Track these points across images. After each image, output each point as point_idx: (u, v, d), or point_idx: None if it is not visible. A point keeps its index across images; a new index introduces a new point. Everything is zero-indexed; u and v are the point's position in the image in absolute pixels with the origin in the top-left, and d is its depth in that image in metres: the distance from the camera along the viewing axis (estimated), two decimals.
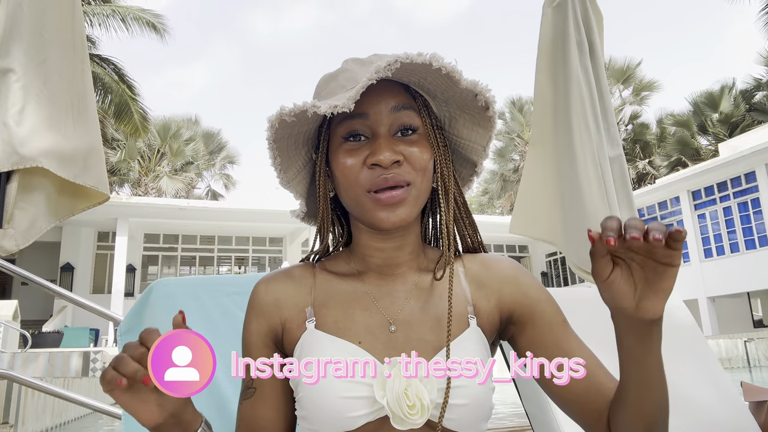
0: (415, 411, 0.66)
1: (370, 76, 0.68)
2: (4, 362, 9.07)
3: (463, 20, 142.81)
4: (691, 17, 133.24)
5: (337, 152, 0.76)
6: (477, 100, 0.77)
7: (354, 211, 0.77)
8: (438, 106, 0.81)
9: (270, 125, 0.73)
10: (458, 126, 0.82)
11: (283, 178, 0.80)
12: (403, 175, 0.73)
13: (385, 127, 0.74)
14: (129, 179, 26.09)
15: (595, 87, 2.10)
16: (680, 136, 25.68)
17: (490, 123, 0.80)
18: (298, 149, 0.80)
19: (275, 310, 0.78)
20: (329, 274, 0.81)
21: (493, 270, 0.81)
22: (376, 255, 0.79)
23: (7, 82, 1.42)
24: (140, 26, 16.01)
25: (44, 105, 1.47)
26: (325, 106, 0.68)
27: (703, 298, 17.55)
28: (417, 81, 0.76)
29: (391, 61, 0.68)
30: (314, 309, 0.77)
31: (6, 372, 1.61)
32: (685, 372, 1.46)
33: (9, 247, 1.41)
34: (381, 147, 0.72)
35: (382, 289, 0.78)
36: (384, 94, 0.74)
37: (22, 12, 1.46)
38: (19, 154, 1.39)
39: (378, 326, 0.75)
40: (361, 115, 0.74)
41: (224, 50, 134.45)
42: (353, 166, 0.73)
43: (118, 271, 15.51)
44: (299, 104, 0.70)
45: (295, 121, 0.73)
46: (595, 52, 2.15)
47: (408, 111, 0.75)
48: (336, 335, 0.73)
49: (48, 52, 1.51)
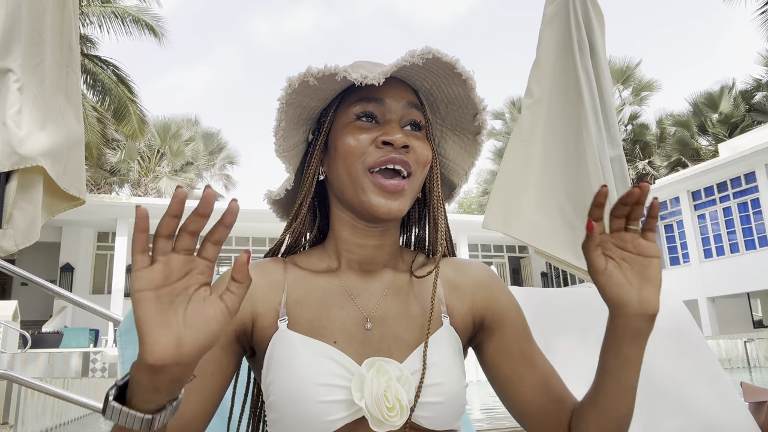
0: (395, 413, 0.66)
1: (405, 57, 0.70)
2: (4, 363, 9.07)
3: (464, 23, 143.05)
4: (691, 17, 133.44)
5: (346, 128, 0.75)
6: (474, 121, 0.80)
7: (348, 192, 0.74)
8: (434, 122, 0.84)
9: (289, 84, 0.72)
10: (446, 147, 0.86)
11: (281, 145, 0.78)
12: (410, 162, 0.73)
13: (397, 115, 0.75)
14: (129, 179, 26.09)
15: (595, 87, 2.10)
16: (680, 136, 25.69)
17: (476, 149, 0.83)
18: (300, 124, 0.79)
19: (247, 303, 0.73)
20: (302, 271, 0.78)
21: (468, 274, 0.82)
22: (357, 251, 0.78)
23: (7, 82, 1.42)
24: (139, 29, 16.01)
25: (40, 106, 1.48)
26: (356, 74, 0.69)
27: (703, 299, 17.55)
28: (429, 88, 0.79)
29: (424, 51, 0.70)
30: (287, 307, 0.74)
31: (6, 372, 1.60)
32: (685, 372, 1.46)
33: (8, 248, 1.41)
34: (395, 128, 0.73)
35: (359, 286, 0.77)
36: (401, 90, 0.77)
37: (21, 12, 1.46)
38: (18, 154, 1.39)
39: (354, 323, 0.73)
40: (378, 100, 0.75)
41: (226, 53, 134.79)
42: (362, 142, 0.73)
43: (118, 272, 15.51)
44: (330, 66, 0.71)
45: (316, 85, 0.72)
46: (596, 52, 2.15)
47: (418, 111, 0.77)
48: (310, 335, 0.71)
49: (46, 53, 1.51)
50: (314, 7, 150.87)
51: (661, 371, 1.40)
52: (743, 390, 1.65)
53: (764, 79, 24.77)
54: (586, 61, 2.10)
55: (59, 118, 1.54)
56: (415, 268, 0.81)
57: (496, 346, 0.78)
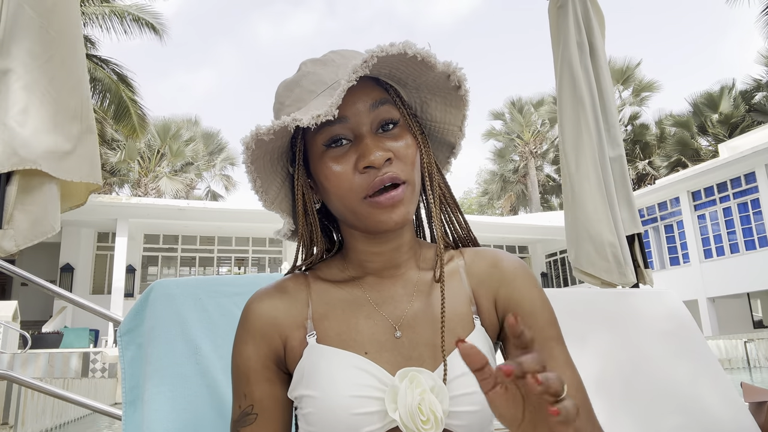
0: (429, 425, 0.64)
1: (348, 77, 0.64)
2: (4, 363, 9.07)
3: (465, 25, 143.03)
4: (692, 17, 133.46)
5: (321, 161, 0.71)
6: (450, 81, 0.74)
7: (349, 219, 0.73)
8: (408, 93, 0.78)
9: (246, 147, 0.68)
10: (430, 110, 0.80)
11: (265, 200, 0.75)
12: (397, 173, 0.69)
13: (366, 126, 0.70)
14: (129, 180, 26.10)
15: (595, 87, 2.11)
16: (680, 136, 25.70)
17: (462, 102, 0.77)
18: (274, 165, 0.76)
19: (274, 329, 0.73)
20: (324, 283, 0.77)
21: (496, 267, 0.77)
22: (374, 259, 0.76)
23: (7, 82, 1.42)
24: (139, 27, 16.02)
25: (49, 104, 1.47)
26: (307, 118, 0.64)
27: (703, 299, 17.55)
28: (388, 72, 0.72)
29: (367, 58, 0.64)
30: (314, 322, 0.73)
31: (6, 373, 1.60)
32: (685, 372, 1.46)
33: (9, 248, 1.41)
34: (370, 147, 0.68)
35: (383, 294, 0.75)
36: (358, 93, 0.70)
37: (25, 10, 1.46)
38: (19, 155, 1.39)
39: (383, 333, 0.71)
40: (341, 119, 0.69)
41: (229, 55, 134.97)
42: (344, 173, 0.69)
43: (118, 272, 15.51)
44: (278, 121, 0.66)
45: (273, 138, 0.69)
46: (596, 53, 2.15)
47: (386, 106, 0.72)
48: (340, 347, 0.70)
49: (54, 50, 1.51)
50: (316, 11, 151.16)
51: (661, 371, 1.40)
52: (743, 390, 1.65)
53: (764, 80, 24.77)
54: (586, 61, 2.11)
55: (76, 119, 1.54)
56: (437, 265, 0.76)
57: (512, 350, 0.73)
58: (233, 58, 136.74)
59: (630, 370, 1.39)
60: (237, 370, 0.74)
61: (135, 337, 1.24)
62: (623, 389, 1.34)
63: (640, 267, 2.06)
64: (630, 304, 1.58)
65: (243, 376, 0.73)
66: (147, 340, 1.22)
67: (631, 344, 1.47)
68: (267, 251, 20.27)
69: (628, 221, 2.05)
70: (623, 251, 1.94)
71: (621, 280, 1.90)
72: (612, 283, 1.91)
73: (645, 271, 2.06)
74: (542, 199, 30.12)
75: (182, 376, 1.17)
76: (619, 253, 1.92)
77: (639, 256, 2.07)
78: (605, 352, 1.41)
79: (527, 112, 30.31)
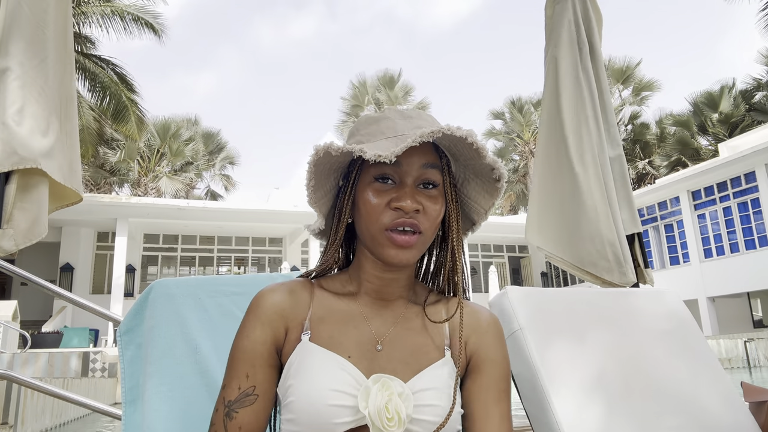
0: (393, 423, 0.75)
1: (415, 139, 0.77)
2: (4, 362, 9.07)
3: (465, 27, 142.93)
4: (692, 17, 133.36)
5: (366, 189, 0.84)
6: (492, 173, 0.87)
7: (368, 243, 0.85)
8: (457, 166, 0.91)
9: (315, 152, 0.82)
10: (469, 188, 0.93)
11: (311, 197, 0.88)
12: (419, 223, 0.82)
13: (412, 178, 0.83)
14: (128, 179, 26.09)
15: (595, 87, 2.11)
16: (680, 136, 25.69)
17: (497, 192, 0.90)
18: (328, 175, 0.88)
19: (281, 320, 0.84)
20: (326, 293, 0.89)
21: (471, 318, 0.90)
22: (375, 282, 0.88)
23: (6, 80, 1.42)
24: (139, 27, 16.01)
25: (44, 104, 1.47)
26: (370, 154, 0.78)
27: (703, 298, 17.55)
28: (447, 146, 0.86)
29: (435, 131, 0.77)
30: (311, 323, 0.84)
31: (5, 372, 1.60)
32: (685, 372, 1.46)
33: (8, 248, 1.41)
34: (406, 194, 0.81)
35: (374, 312, 0.87)
36: (418, 150, 0.83)
37: (22, 10, 1.46)
38: (18, 154, 1.39)
39: (367, 344, 0.83)
40: (396, 163, 0.82)
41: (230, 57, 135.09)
42: (378, 205, 0.82)
43: (118, 272, 15.51)
44: (348, 146, 0.81)
45: (338, 155, 0.83)
46: (596, 52, 2.15)
47: (434, 170, 0.85)
48: (328, 348, 0.81)
49: (49, 50, 1.51)
50: (316, 14, 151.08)
51: (661, 371, 1.40)
52: (743, 390, 1.65)
53: (764, 79, 24.77)
54: (586, 61, 2.11)
55: (63, 115, 1.54)
56: (427, 305, 0.90)
57: (468, 388, 0.87)
58: (234, 60, 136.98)
59: (630, 369, 1.39)
60: (242, 351, 0.83)
61: (135, 336, 1.24)
62: (623, 388, 1.34)
63: (641, 266, 2.06)
64: (630, 304, 1.58)
65: (248, 357, 0.82)
66: (147, 339, 1.21)
67: (631, 343, 1.46)
68: (267, 251, 20.27)
69: (628, 221, 2.04)
70: (623, 251, 1.94)
71: (621, 279, 1.89)
72: (612, 282, 1.91)
73: (645, 270, 2.06)
74: None
75: (182, 375, 1.17)
76: (620, 252, 1.91)
77: (639, 255, 2.07)
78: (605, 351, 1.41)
79: (527, 111, 30.29)
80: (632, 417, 1.31)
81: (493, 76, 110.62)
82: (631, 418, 1.30)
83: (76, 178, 1.59)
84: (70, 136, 1.58)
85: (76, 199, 1.64)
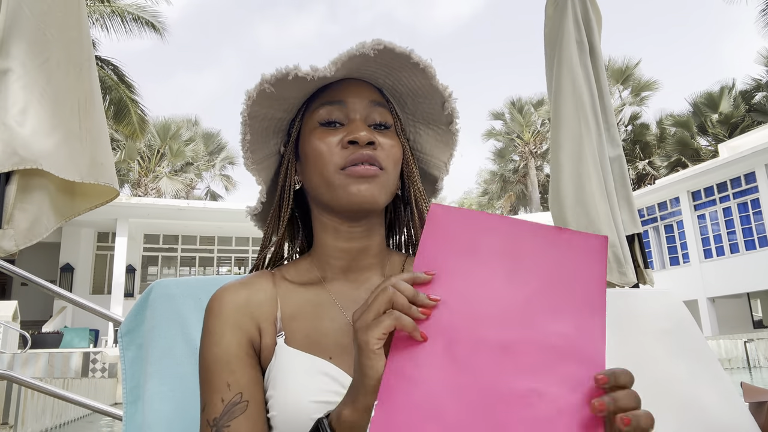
0: None
1: (354, 48, 0.69)
2: (4, 363, 9.07)
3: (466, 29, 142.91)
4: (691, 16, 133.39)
5: (311, 135, 0.75)
6: (444, 109, 0.78)
7: (323, 192, 0.74)
8: (405, 120, 0.82)
9: (248, 97, 0.72)
10: (421, 141, 0.84)
11: (250, 158, 0.78)
12: (378, 157, 0.72)
13: (361, 114, 0.75)
14: (129, 180, 26.10)
15: (595, 87, 2.11)
16: (680, 136, 25.69)
17: (453, 139, 0.81)
18: (268, 137, 0.79)
19: (249, 318, 0.73)
20: (290, 284, 0.77)
21: None
22: (341, 257, 0.78)
23: (7, 81, 1.42)
24: (139, 27, 16.02)
25: (48, 104, 1.47)
26: (305, 69, 0.70)
27: (703, 299, 17.56)
28: (392, 84, 0.78)
29: (375, 42, 0.70)
30: (283, 322, 0.74)
31: (6, 372, 1.60)
32: (685, 372, 1.46)
33: (8, 248, 1.41)
34: (358, 127, 0.73)
35: (347, 297, 0.76)
36: (361, 88, 0.76)
37: (23, 11, 1.46)
38: (19, 155, 1.39)
39: (346, 336, 0.73)
40: (339, 102, 0.75)
41: (231, 58, 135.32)
42: (328, 145, 0.73)
43: (118, 272, 15.51)
44: (281, 68, 0.71)
45: (274, 93, 0.73)
46: (595, 52, 2.15)
47: (382, 108, 0.77)
48: (307, 350, 0.71)
49: (51, 51, 1.51)
50: (317, 15, 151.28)
51: (660, 371, 1.40)
52: (743, 390, 1.65)
53: (764, 80, 24.77)
54: (586, 61, 2.11)
55: (75, 117, 1.54)
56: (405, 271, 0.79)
57: None
58: (235, 61, 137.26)
59: (629, 369, 1.39)
60: (214, 360, 0.71)
61: (135, 337, 1.24)
62: None
63: (640, 267, 2.06)
64: (630, 304, 1.58)
65: (224, 365, 0.71)
66: (147, 340, 1.21)
67: (631, 344, 1.46)
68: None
69: (627, 221, 2.05)
70: (623, 251, 1.94)
71: (621, 279, 1.90)
72: (612, 282, 1.91)
73: (645, 271, 2.06)
74: (542, 199, 30.10)
75: (182, 376, 1.17)
76: (620, 252, 1.92)
77: (639, 256, 2.07)
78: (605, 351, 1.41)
79: (527, 112, 30.30)
80: None
81: (493, 76, 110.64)
82: None
83: (106, 173, 1.56)
84: (91, 132, 1.56)
85: (112, 195, 1.62)
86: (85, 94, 1.58)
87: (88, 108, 1.58)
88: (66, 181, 1.51)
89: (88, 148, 1.54)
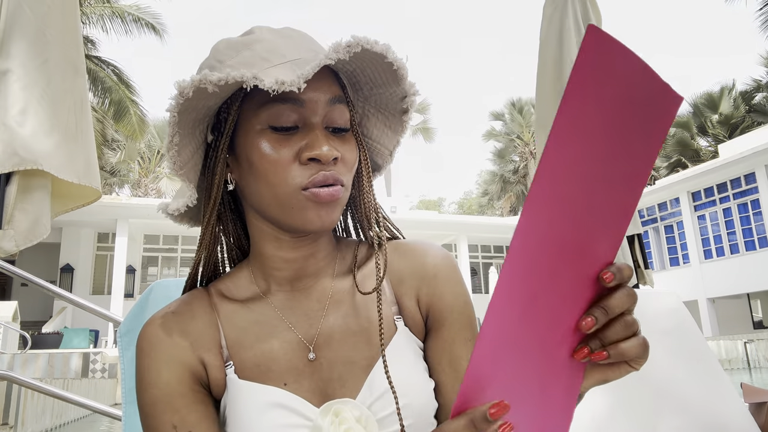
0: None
1: (328, 55, 0.58)
2: (4, 363, 9.07)
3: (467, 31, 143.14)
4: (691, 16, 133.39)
5: (258, 139, 0.62)
6: (403, 103, 0.70)
7: (272, 209, 0.64)
8: (356, 98, 0.73)
9: (180, 93, 0.58)
10: (369, 125, 0.75)
11: (177, 162, 0.64)
12: (339, 174, 0.63)
13: (319, 117, 0.63)
14: (129, 180, 26.12)
15: None
16: (680, 137, 25.71)
17: (402, 127, 0.73)
18: (192, 129, 0.65)
19: (188, 351, 0.64)
20: (230, 303, 0.68)
21: (413, 262, 0.71)
22: (284, 267, 0.68)
23: (7, 82, 1.42)
24: (138, 27, 16.03)
25: (47, 105, 1.47)
26: (269, 81, 0.57)
27: (703, 299, 17.56)
28: (353, 70, 0.67)
29: (351, 43, 0.59)
30: (229, 350, 0.65)
31: (6, 373, 1.61)
32: (685, 373, 1.46)
33: (9, 248, 1.41)
34: (320, 140, 0.62)
35: (295, 310, 0.68)
36: (321, 83, 0.64)
37: (23, 12, 1.46)
38: (19, 155, 1.39)
39: (299, 358, 0.65)
40: (295, 101, 0.62)
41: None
42: (282, 159, 0.61)
43: (118, 272, 15.51)
44: (234, 73, 0.57)
45: (217, 92, 0.60)
46: None
47: (341, 105, 0.65)
48: (259, 380, 0.63)
49: (50, 52, 1.51)
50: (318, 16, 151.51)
51: (660, 371, 1.40)
52: (743, 391, 1.65)
53: (764, 80, 24.78)
54: None
55: (72, 119, 1.54)
56: (358, 269, 0.71)
57: (431, 347, 0.68)
58: None
59: None
60: (153, 404, 0.62)
61: (135, 337, 1.24)
62: (623, 389, 1.34)
63: (641, 267, 2.06)
64: None
65: (165, 406, 0.62)
66: None
67: None
68: None
69: None
70: (623, 251, 1.94)
71: None
72: None
73: (645, 271, 2.06)
74: None
75: None
76: (619, 253, 1.92)
77: (639, 256, 2.07)
78: None
79: (527, 112, 30.32)
80: (632, 417, 1.31)
81: (494, 76, 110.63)
82: (631, 419, 1.30)
83: (94, 176, 1.58)
84: (84, 134, 1.58)
85: (95, 197, 1.64)
86: (80, 95, 1.58)
87: (83, 109, 1.59)
88: (61, 181, 1.51)
89: (82, 148, 1.55)
